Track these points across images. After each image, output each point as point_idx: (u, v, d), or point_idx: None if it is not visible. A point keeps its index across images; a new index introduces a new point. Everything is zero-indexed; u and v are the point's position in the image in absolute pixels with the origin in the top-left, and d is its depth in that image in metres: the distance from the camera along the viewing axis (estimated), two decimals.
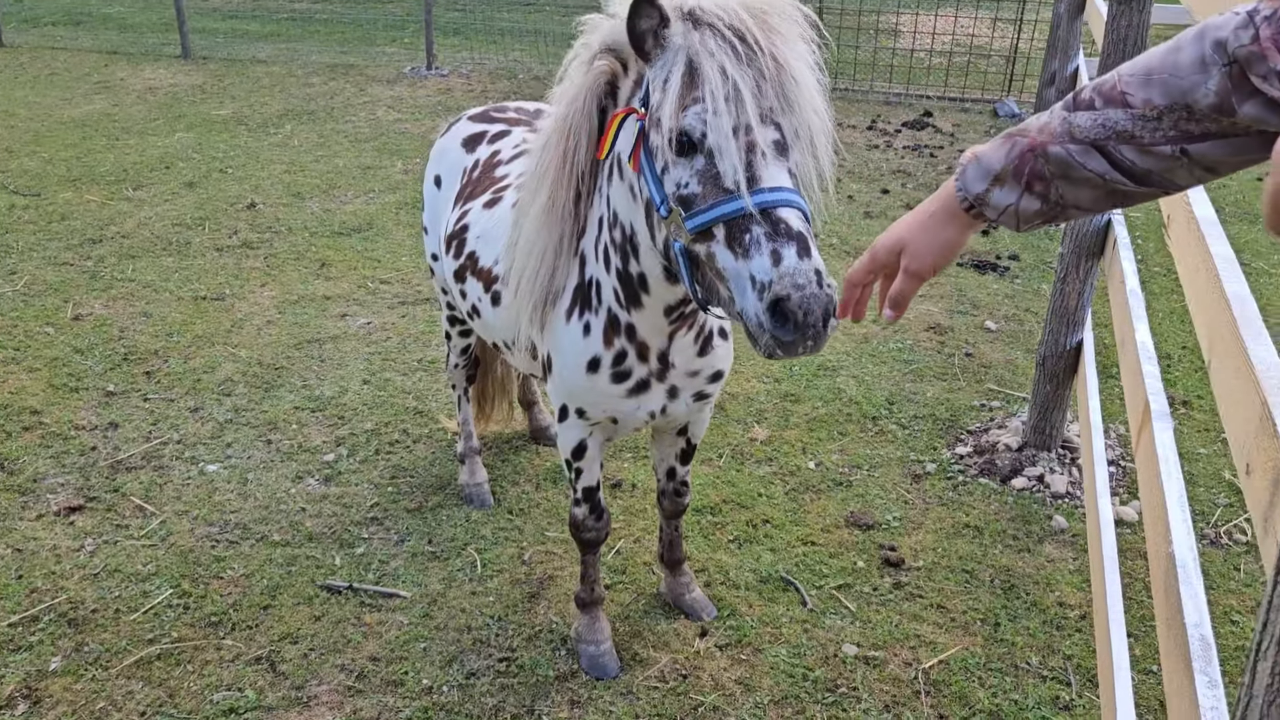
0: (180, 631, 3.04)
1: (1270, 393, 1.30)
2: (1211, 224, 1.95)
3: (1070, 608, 3.18)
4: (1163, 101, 1.05)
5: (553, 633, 3.07)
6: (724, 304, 1.92)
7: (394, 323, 5.08)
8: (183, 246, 6.03)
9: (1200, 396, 4.41)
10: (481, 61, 11.23)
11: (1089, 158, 1.12)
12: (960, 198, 1.28)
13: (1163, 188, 1.13)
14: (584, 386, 2.45)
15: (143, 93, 9.92)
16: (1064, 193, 1.17)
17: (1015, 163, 1.19)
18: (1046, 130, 1.17)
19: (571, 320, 2.41)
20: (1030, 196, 1.20)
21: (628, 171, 2.12)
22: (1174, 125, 1.05)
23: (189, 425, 4.13)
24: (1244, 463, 1.35)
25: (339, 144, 8.26)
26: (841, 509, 3.65)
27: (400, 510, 3.63)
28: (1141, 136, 1.07)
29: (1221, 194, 7.07)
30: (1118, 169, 1.11)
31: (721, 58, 1.81)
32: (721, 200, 1.81)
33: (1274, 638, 0.83)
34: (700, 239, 1.87)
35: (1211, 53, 1.00)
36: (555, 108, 2.30)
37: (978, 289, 5.60)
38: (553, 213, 2.30)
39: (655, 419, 2.56)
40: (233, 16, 14.38)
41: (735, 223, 1.80)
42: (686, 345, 2.45)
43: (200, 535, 3.47)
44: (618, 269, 2.28)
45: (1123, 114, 1.09)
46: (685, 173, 1.87)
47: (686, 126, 1.83)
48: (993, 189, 1.23)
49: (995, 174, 1.22)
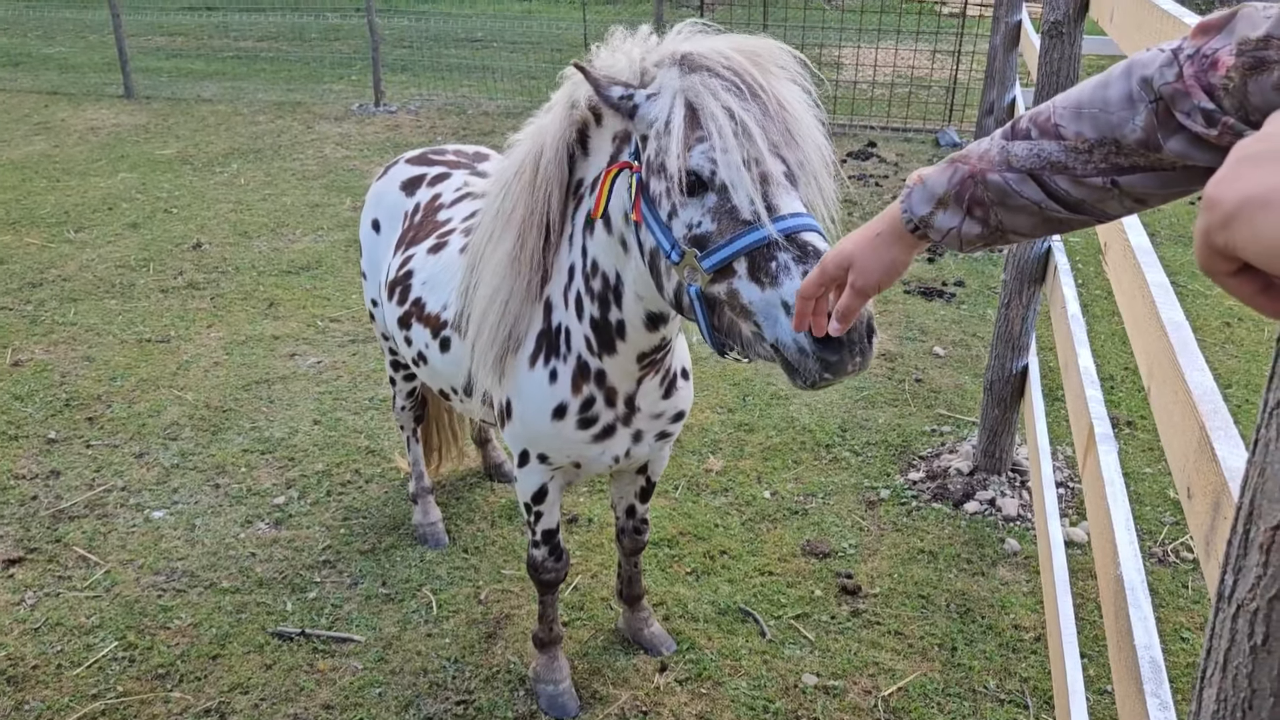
0: (126, 685, 2.96)
1: (1207, 417, 1.34)
2: (1146, 251, 2.00)
3: (1025, 630, 3.21)
4: (1093, 135, 1.07)
5: (510, 673, 3.03)
6: (748, 344, 1.86)
7: (345, 361, 5.02)
8: (126, 288, 5.93)
9: (1143, 417, 4.50)
10: (430, 98, 11.23)
11: (1025, 186, 1.15)
12: (905, 219, 1.30)
13: (1096, 216, 1.16)
14: (548, 433, 2.43)
15: (84, 133, 9.77)
16: (1002, 219, 1.20)
17: (957, 188, 1.22)
18: (985, 158, 1.19)
19: (536, 366, 2.38)
20: (971, 221, 1.22)
21: (615, 225, 2.11)
22: (1104, 158, 1.08)
23: (134, 471, 4.05)
24: (1185, 486, 1.38)
25: (286, 182, 8.19)
26: (798, 538, 3.66)
27: (353, 552, 3.58)
28: (1074, 168, 1.10)
29: (1156, 218, 7.26)
30: (1052, 198, 1.14)
31: (724, 95, 1.82)
32: (742, 232, 1.78)
33: (1218, 664, 0.85)
34: (719, 278, 1.82)
35: (1138, 89, 1.02)
36: (519, 152, 2.28)
37: (925, 315, 5.68)
38: (520, 260, 2.27)
39: (619, 463, 2.54)
40: (177, 55, 14.25)
41: (758, 253, 1.76)
42: (652, 389, 2.45)
43: (146, 584, 3.39)
44: (593, 317, 2.26)
45: (1056, 146, 1.11)
46: (696, 213, 1.84)
47: (695, 166, 1.82)
48: (936, 212, 1.25)
49: (939, 198, 1.24)
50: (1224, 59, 0.95)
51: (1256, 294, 0.67)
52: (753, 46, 1.90)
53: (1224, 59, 0.95)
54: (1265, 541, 0.78)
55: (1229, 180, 0.65)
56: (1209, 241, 0.67)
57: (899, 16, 11.89)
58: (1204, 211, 0.67)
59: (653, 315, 2.20)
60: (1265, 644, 0.79)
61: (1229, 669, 0.83)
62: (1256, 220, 0.62)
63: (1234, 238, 0.64)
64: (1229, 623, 0.84)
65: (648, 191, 1.94)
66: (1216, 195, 0.66)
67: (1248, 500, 0.82)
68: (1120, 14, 2.55)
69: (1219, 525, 1.20)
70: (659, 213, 1.91)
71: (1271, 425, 0.78)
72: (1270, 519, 0.77)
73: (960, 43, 9.80)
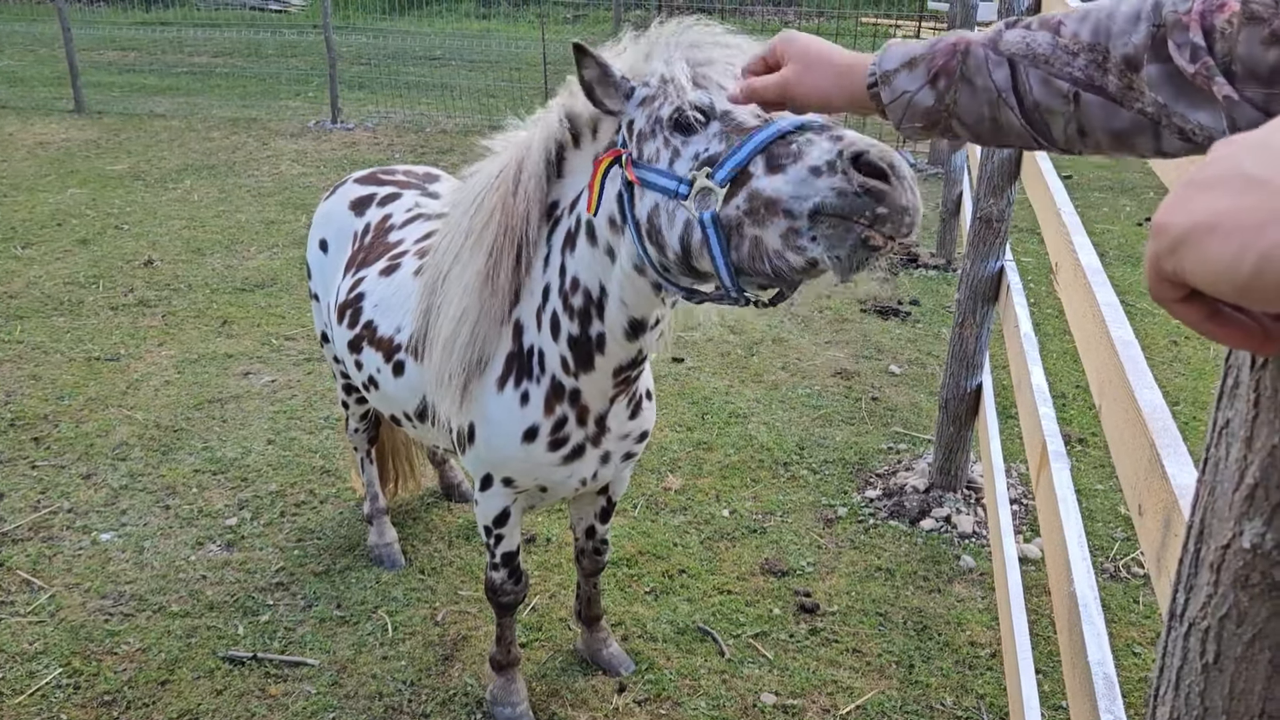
0: (70, 713, 2.88)
1: (1157, 435, 1.36)
2: (1096, 271, 2.04)
3: (981, 646, 3.23)
4: (1088, 38, 1.10)
5: (468, 696, 2.99)
6: (776, 259, 1.69)
7: (299, 380, 4.96)
8: (75, 306, 5.81)
9: (1095, 434, 4.57)
10: (387, 115, 11.17)
11: (998, 70, 1.17)
12: (870, 71, 1.30)
13: (1037, 133, 1.18)
14: (517, 456, 2.40)
15: (33, 148, 9.59)
16: (959, 98, 1.21)
17: (933, 52, 1.23)
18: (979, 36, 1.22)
19: (505, 389, 2.35)
20: (929, 90, 1.23)
21: (601, 235, 2.09)
22: (1085, 66, 1.10)
23: (81, 492, 3.95)
24: (1136, 504, 1.40)
25: (241, 199, 8.10)
26: (756, 556, 3.67)
27: (307, 574, 3.52)
28: (1054, 64, 1.13)
29: (1105, 238, 7.41)
30: (1015, 92, 1.16)
31: (717, 32, 1.87)
32: (753, 132, 1.73)
33: (1171, 682, 0.86)
34: (734, 190, 1.72)
35: (1149, 10, 1.06)
36: (493, 167, 2.26)
37: (881, 334, 5.73)
38: (493, 280, 2.24)
39: (585, 485, 2.53)
40: (129, 70, 14.05)
41: (774, 146, 1.69)
42: (620, 409, 2.45)
43: (93, 609, 3.30)
44: (571, 335, 2.24)
45: (1048, 39, 1.14)
46: (702, 143, 1.81)
47: (695, 98, 1.81)
48: (901, 70, 1.25)
49: (911, 57, 1.25)
50: (1231, 3, 0.97)
51: (1205, 319, 0.68)
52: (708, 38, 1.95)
53: (1231, 3, 0.97)
54: (1216, 560, 0.79)
55: (1177, 206, 0.66)
56: (1158, 268, 0.68)
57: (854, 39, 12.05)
58: (1153, 238, 0.68)
59: (634, 322, 2.19)
60: (1217, 662, 0.79)
61: (1181, 687, 0.84)
62: (1204, 245, 0.63)
63: (1182, 263, 0.65)
64: (1181, 641, 0.84)
65: (642, 158, 1.92)
66: (1164, 221, 0.67)
67: (1198, 519, 0.83)
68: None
69: (1170, 542, 1.21)
70: (659, 166, 1.88)
71: (1221, 444, 0.80)
72: (1221, 538, 0.78)
73: None
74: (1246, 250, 0.60)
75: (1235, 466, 0.77)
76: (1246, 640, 0.76)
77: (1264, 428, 0.73)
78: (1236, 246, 0.60)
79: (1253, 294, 0.60)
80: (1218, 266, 0.62)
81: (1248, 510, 0.75)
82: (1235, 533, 0.76)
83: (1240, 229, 0.60)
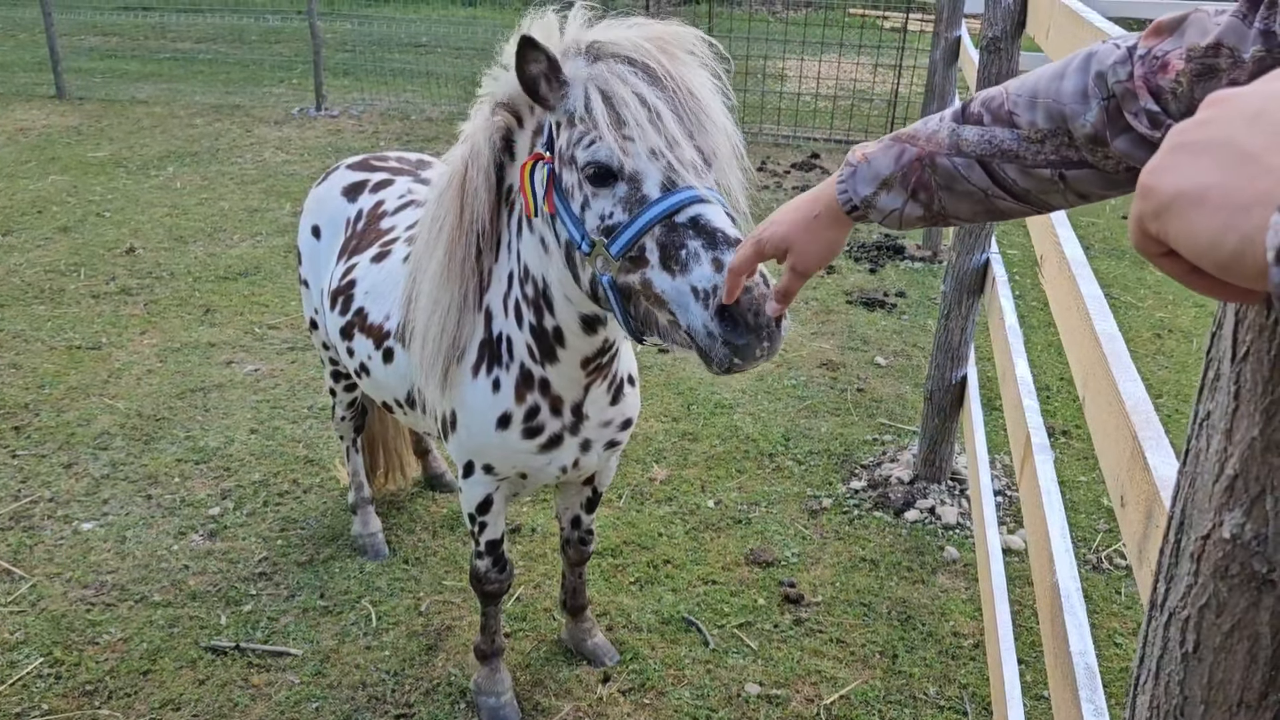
0: (52, 703, 2.86)
1: (1140, 427, 1.36)
2: (1081, 264, 2.04)
3: (965, 637, 3.25)
4: (1046, 126, 1.08)
5: (451, 685, 2.99)
6: (663, 332, 1.89)
7: (283, 369, 4.93)
8: (56, 294, 5.77)
9: (1078, 426, 4.60)
10: (373, 102, 11.11)
11: (973, 172, 1.15)
12: (844, 200, 1.30)
13: (1039, 207, 1.17)
14: (494, 443, 2.39)
15: (13, 134, 9.50)
16: (945, 203, 1.20)
17: (904, 170, 1.22)
18: (934, 140, 1.19)
19: (479, 376, 2.35)
20: (914, 203, 1.22)
21: (536, 222, 2.09)
22: (1056, 150, 1.08)
23: (62, 482, 3.93)
24: (1119, 495, 1.40)
25: (224, 186, 8.04)
26: (741, 546, 3.67)
27: (290, 564, 3.51)
28: (1025, 157, 1.11)
29: (1090, 231, 7.44)
30: (999, 185, 1.14)
31: (634, 81, 1.80)
32: (640, 211, 1.77)
33: (1151, 671, 0.86)
34: (632, 267, 1.80)
35: (1094, 85, 1.03)
36: (454, 158, 2.25)
37: (867, 325, 5.74)
38: (451, 270, 2.24)
39: (567, 473, 2.52)
40: (111, 56, 13.92)
41: (669, 241, 1.74)
42: (600, 396, 2.42)
43: (74, 598, 3.28)
44: (531, 324, 2.24)
45: (1009, 134, 1.12)
46: (608, 203, 1.83)
47: (603, 158, 1.80)
48: (880, 193, 1.25)
49: (884, 179, 1.24)
50: (1174, 62, 0.96)
51: (1187, 273, 0.67)
52: (659, 32, 1.88)
53: (1174, 62, 0.96)
54: (1196, 551, 0.79)
55: (1164, 169, 0.65)
56: (1142, 227, 0.67)
57: (842, 30, 12.03)
58: (1139, 198, 0.67)
59: (587, 318, 2.18)
60: (1196, 651, 0.80)
61: (1161, 676, 0.85)
62: (1189, 217, 0.62)
63: (1165, 229, 0.64)
64: (1161, 630, 0.85)
65: (559, 184, 1.92)
66: (1151, 184, 0.65)
67: (1179, 510, 0.83)
68: (1056, 31, 2.60)
69: (1151, 533, 1.22)
70: (571, 205, 1.90)
71: (1202, 436, 0.80)
72: (1201, 528, 0.79)
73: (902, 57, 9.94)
74: (1230, 230, 0.59)
75: (1215, 458, 0.77)
76: (1225, 630, 0.77)
77: (1244, 420, 0.74)
78: (1220, 225, 0.59)
79: (1232, 272, 0.60)
80: (1201, 241, 0.61)
81: (1227, 501, 0.75)
82: (1215, 523, 0.77)
83: (1226, 207, 0.59)
